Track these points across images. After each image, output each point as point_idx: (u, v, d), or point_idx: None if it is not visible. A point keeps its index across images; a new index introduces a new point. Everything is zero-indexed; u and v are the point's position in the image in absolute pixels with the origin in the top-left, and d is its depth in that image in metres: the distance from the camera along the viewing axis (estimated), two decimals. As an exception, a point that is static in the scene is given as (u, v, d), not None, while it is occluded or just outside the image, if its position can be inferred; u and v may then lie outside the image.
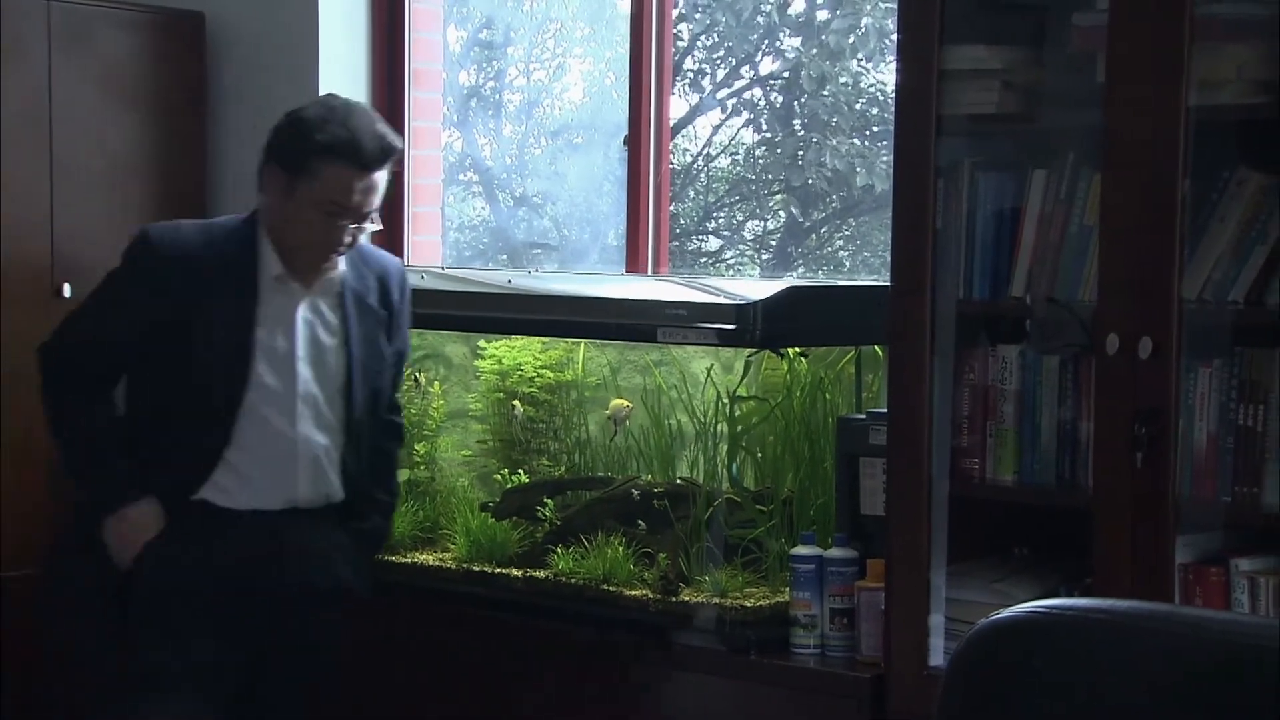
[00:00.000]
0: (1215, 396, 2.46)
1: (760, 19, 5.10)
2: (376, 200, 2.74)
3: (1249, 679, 1.38)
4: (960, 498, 2.70)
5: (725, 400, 3.11)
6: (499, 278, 3.37)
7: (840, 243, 6.28)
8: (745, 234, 6.64)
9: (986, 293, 2.71)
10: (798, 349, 3.06)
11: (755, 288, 3.04)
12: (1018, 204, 2.68)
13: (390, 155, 2.73)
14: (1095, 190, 2.54)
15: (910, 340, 2.69)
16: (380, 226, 2.83)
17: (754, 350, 3.02)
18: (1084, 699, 1.47)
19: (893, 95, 2.74)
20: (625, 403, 3.24)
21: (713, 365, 3.13)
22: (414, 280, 3.02)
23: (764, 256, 6.46)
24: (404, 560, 3.42)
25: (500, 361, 3.40)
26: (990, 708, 1.52)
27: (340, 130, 2.69)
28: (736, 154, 6.25)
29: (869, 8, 4.47)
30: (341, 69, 4.05)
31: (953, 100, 2.66)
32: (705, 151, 6.18)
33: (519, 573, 3.22)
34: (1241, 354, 2.45)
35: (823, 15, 4.93)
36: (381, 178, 2.74)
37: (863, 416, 2.98)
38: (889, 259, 2.72)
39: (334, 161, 2.68)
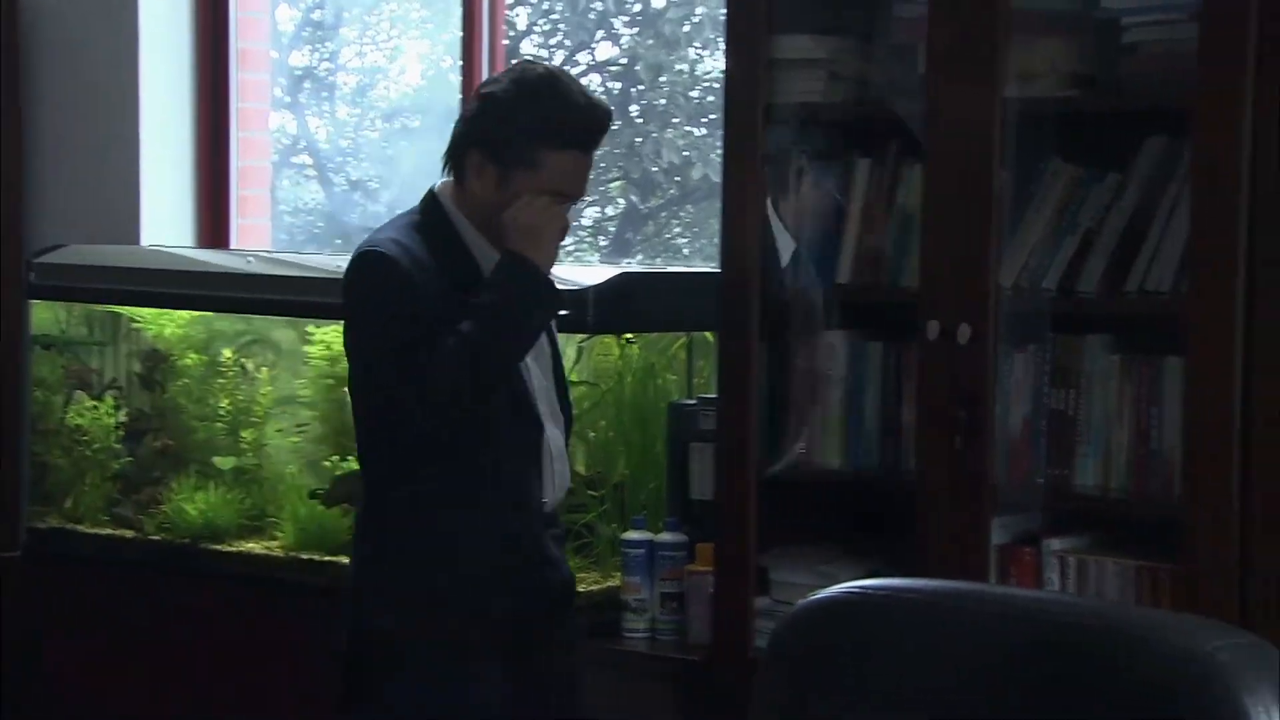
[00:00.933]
0: (1030, 381, 2.53)
1: (596, 4, 5.10)
2: (590, 176, 2.45)
3: (1052, 654, 1.42)
4: (789, 482, 2.74)
5: (557, 386, 3.10)
6: (328, 263, 3.32)
7: (679, 230, 6.31)
8: (585, 220, 6.63)
9: (814, 280, 2.75)
10: (628, 335, 3.07)
11: (589, 273, 3.04)
12: (844, 192, 2.72)
13: (609, 124, 2.43)
14: (918, 179, 2.59)
15: (739, 326, 2.72)
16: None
17: (586, 335, 3.03)
18: (896, 676, 1.50)
19: (725, 84, 2.76)
20: None
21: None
22: (239, 264, 2.96)
23: (603, 243, 6.46)
24: (230, 549, 3.36)
25: (329, 347, 3.35)
26: (807, 686, 1.55)
27: (555, 111, 2.38)
28: (575, 140, 6.21)
29: (704, -4, 4.50)
30: (162, 46, 3.95)
31: (780, 89, 2.70)
32: (544, 137, 6.14)
33: (349, 560, 3.17)
34: (1055, 340, 2.52)
35: (658, 3, 4.95)
36: (590, 161, 2.44)
37: (693, 402, 3.01)
38: (721, 246, 2.75)
39: (554, 148, 2.38)
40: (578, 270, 3.19)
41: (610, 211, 6.43)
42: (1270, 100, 2.22)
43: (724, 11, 2.70)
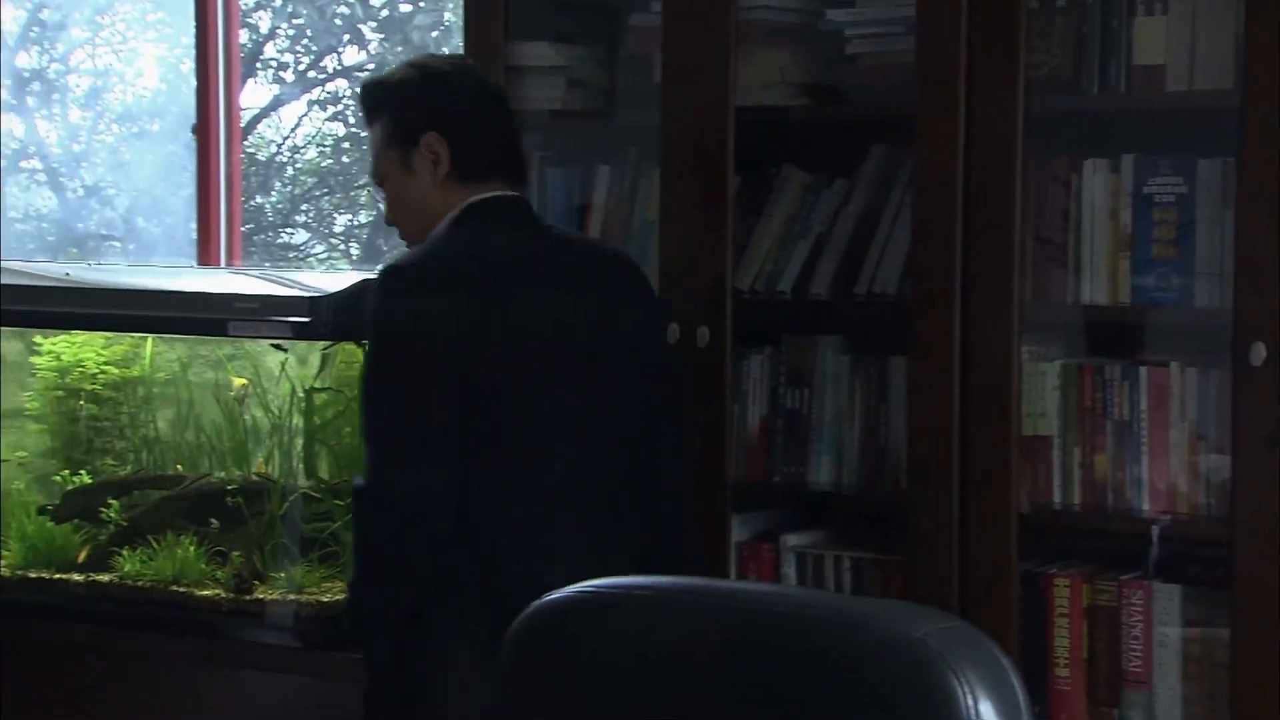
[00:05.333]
0: (765, 382, 2.60)
1: (343, 9, 5.04)
2: (375, 161, 2.30)
3: (774, 645, 1.47)
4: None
5: (301, 394, 3.06)
6: (56, 270, 3.20)
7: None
8: (336, 227, 6.53)
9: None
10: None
11: (331, 280, 3.02)
12: (585, 199, 2.76)
13: (364, 99, 2.30)
14: (656, 186, 2.64)
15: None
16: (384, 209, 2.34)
17: (329, 343, 3.00)
18: (628, 672, 1.53)
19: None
20: (244, 381, 3.16)
21: (287, 359, 3.08)
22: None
23: (355, 250, 6.37)
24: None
25: (59, 358, 3.23)
26: (540, 684, 1.56)
27: None
28: (324, 146, 6.14)
29: (451, 5, 4.49)
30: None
31: (520, 96, 2.71)
32: (291, 142, 6.05)
33: (81, 577, 3.07)
34: (789, 341, 2.60)
35: (405, 8, 4.92)
36: (374, 134, 2.30)
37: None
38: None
39: None
40: (319, 278, 3.15)
41: (364, 218, 6.34)
42: (982, 110, 2.33)
43: (470, 18, 2.71)
